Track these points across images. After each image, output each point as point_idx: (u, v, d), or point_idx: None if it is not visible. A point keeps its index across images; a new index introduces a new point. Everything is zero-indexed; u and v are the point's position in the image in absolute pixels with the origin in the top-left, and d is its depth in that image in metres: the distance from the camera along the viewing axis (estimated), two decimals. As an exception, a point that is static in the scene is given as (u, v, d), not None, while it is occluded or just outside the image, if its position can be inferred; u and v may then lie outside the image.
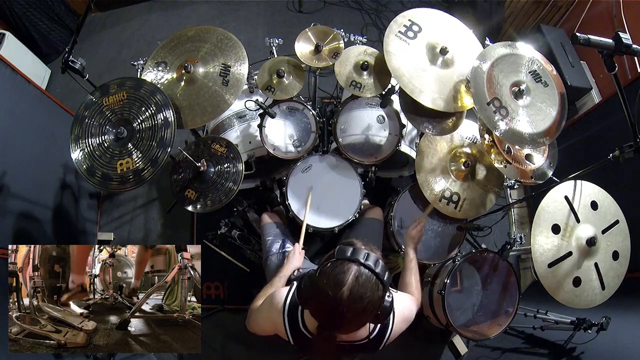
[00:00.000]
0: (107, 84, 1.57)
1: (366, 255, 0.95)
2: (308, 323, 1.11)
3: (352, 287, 0.90)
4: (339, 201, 1.84)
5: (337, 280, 0.91)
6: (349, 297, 0.90)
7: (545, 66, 1.55)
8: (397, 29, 1.63)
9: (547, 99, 1.51)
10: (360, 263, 0.93)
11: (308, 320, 1.11)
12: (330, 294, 0.91)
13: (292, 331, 1.13)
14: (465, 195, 1.78)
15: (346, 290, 0.90)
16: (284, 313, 1.13)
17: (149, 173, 1.44)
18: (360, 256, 0.94)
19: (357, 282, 0.91)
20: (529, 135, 1.46)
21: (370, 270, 0.93)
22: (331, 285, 0.91)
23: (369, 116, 1.91)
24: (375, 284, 0.93)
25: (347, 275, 0.92)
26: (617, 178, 1.75)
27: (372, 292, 0.92)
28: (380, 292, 0.95)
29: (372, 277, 0.93)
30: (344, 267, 0.93)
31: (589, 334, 1.62)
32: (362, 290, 0.91)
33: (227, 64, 1.69)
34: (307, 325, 1.11)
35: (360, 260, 0.93)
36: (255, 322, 1.28)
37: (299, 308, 1.12)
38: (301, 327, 1.12)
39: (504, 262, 1.77)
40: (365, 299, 0.92)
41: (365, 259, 0.94)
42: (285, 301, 1.14)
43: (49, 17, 2.91)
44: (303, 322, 1.12)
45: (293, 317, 1.12)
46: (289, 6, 3.31)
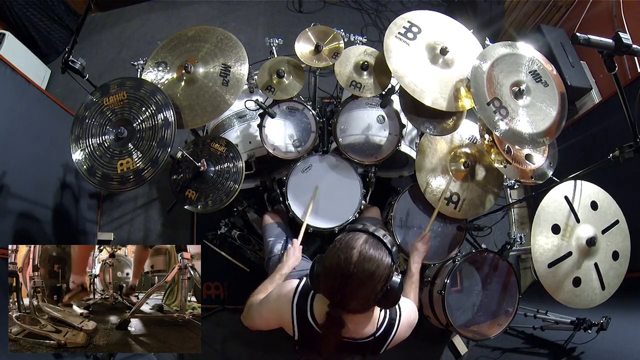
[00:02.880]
0: (107, 84, 1.57)
1: (375, 229, 1.03)
2: (317, 313, 1.12)
3: (361, 250, 0.97)
4: (339, 201, 1.84)
5: (347, 245, 0.99)
6: (358, 258, 0.96)
7: (546, 66, 1.56)
8: (397, 30, 1.63)
9: (547, 99, 1.52)
10: (369, 232, 1.02)
11: (317, 309, 1.12)
12: (341, 256, 0.98)
13: (299, 322, 1.14)
14: (465, 196, 1.78)
15: (356, 252, 0.97)
16: (293, 303, 1.15)
17: (149, 173, 1.44)
18: (370, 228, 1.03)
19: (366, 245, 0.98)
20: (529, 135, 1.46)
21: (379, 239, 1.01)
22: (342, 250, 0.99)
23: (369, 116, 1.91)
24: (383, 251, 1.00)
25: (358, 241, 1.00)
26: (617, 178, 1.75)
27: (380, 257, 0.98)
28: (389, 260, 1.00)
29: (380, 245, 1.00)
30: (355, 235, 1.02)
31: (589, 334, 1.62)
32: (370, 253, 0.98)
33: (227, 64, 1.69)
34: (315, 315, 1.12)
35: (369, 230, 1.02)
36: (257, 315, 1.27)
37: (308, 298, 1.14)
38: (309, 317, 1.13)
39: (504, 262, 1.77)
40: (374, 262, 0.97)
41: (374, 230, 1.03)
42: (295, 291, 1.16)
43: (49, 17, 2.91)
44: (312, 312, 1.13)
45: (302, 308, 1.14)
46: (289, 6, 3.31)
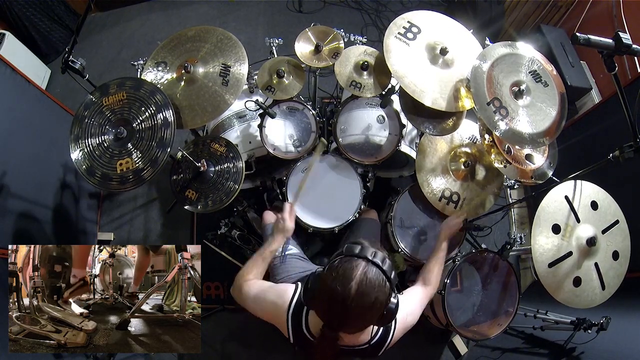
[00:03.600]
0: (107, 83, 1.57)
1: (374, 253, 0.96)
2: (312, 326, 1.10)
3: (360, 282, 0.91)
4: (339, 201, 1.84)
5: (345, 276, 0.93)
6: (357, 292, 0.91)
7: (546, 66, 1.55)
8: (397, 31, 1.63)
9: (547, 99, 1.51)
10: (369, 260, 0.95)
11: (312, 323, 1.10)
12: (338, 288, 0.92)
13: (294, 332, 1.12)
14: (465, 195, 1.78)
15: (354, 285, 0.91)
16: (288, 314, 1.12)
17: (149, 173, 1.44)
18: (368, 253, 0.96)
19: (365, 277, 0.92)
20: (529, 135, 1.46)
21: (378, 267, 0.95)
22: (339, 280, 0.92)
23: (369, 116, 1.91)
24: (382, 281, 0.94)
25: (356, 270, 0.93)
26: (617, 178, 1.75)
27: (379, 288, 0.93)
28: (387, 290, 0.96)
29: (379, 274, 0.94)
30: (352, 263, 0.95)
31: (589, 334, 1.62)
32: (370, 285, 0.92)
33: (227, 64, 1.68)
34: (310, 329, 1.10)
35: (368, 257, 0.95)
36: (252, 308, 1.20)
37: (303, 310, 1.11)
38: (304, 329, 1.11)
39: (504, 262, 1.77)
40: (373, 294, 0.92)
41: (373, 256, 0.95)
42: (291, 302, 1.13)
43: (49, 17, 2.91)
44: (307, 325, 1.11)
45: (297, 319, 1.11)
46: (289, 6, 3.31)
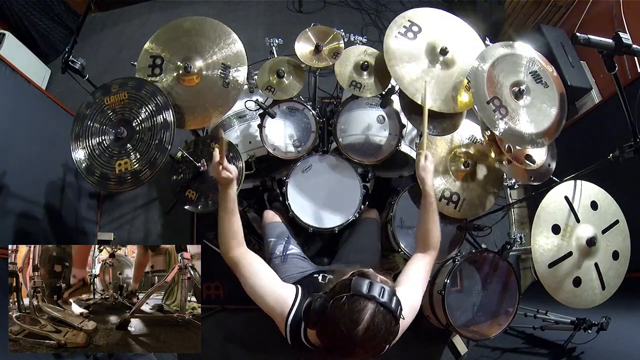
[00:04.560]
0: (107, 83, 1.57)
1: (382, 291, 0.92)
2: (311, 338, 1.09)
3: (368, 327, 0.89)
4: (339, 201, 1.84)
5: (352, 318, 0.90)
6: (364, 335, 0.89)
7: (546, 67, 1.55)
8: (397, 30, 1.63)
9: (547, 99, 1.52)
10: (377, 301, 0.91)
11: (312, 336, 1.08)
12: (344, 330, 0.89)
13: (292, 338, 1.12)
14: (465, 195, 1.78)
15: (361, 329, 0.89)
16: (287, 322, 1.10)
17: (147, 175, 1.44)
18: (377, 292, 0.92)
19: (373, 322, 0.90)
20: (529, 135, 1.46)
21: (387, 309, 0.92)
22: (346, 322, 0.90)
23: (369, 116, 1.90)
24: (389, 322, 0.92)
25: (364, 314, 0.90)
26: (617, 178, 1.75)
27: (386, 330, 0.91)
28: (393, 328, 0.94)
29: (388, 316, 0.92)
30: (361, 304, 0.91)
31: (589, 334, 1.62)
32: (377, 329, 0.90)
33: (227, 64, 1.68)
34: (309, 339, 1.09)
35: (377, 298, 0.91)
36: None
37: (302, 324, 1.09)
38: (303, 339, 1.10)
39: (504, 262, 1.77)
40: (379, 337, 0.91)
41: (382, 294, 0.92)
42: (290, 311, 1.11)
43: (49, 17, 2.91)
44: (305, 336, 1.10)
45: (296, 328, 1.10)
46: (289, 6, 3.31)
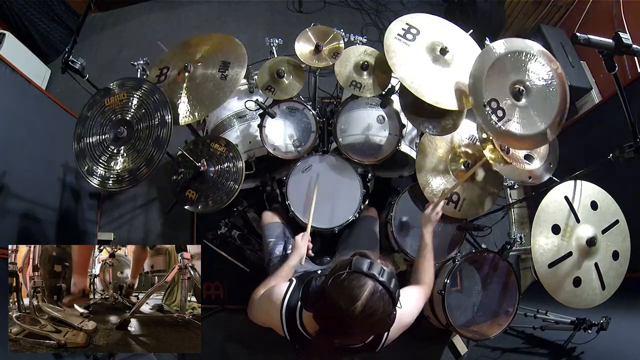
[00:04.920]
0: (108, 86, 1.60)
1: (382, 271, 0.93)
2: (307, 324, 1.10)
3: (366, 304, 0.89)
4: (339, 201, 1.84)
5: (352, 294, 0.90)
6: (361, 313, 0.89)
7: (547, 64, 1.54)
8: (396, 32, 1.63)
9: (547, 99, 1.51)
10: (376, 279, 0.92)
11: (307, 321, 1.10)
12: (342, 306, 0.90)
13: (289, 328, 1.13)
14: (465, 195, 1.78)
15: (360, 305, 0.89)
16: (282, 310, 1.13)
17: (144, 172, 1.46)
18: (377, 271, 0.93)
19: (371, 299, 0.90)
20: (529, 136, 1.46)
21: (385, 288, 0.92)
22: (345, 297, 0.90)
23: (369, 116, 1.90)
24: (388, 302, 0.93)
25: (363, 290, 0.90)
26: (617, 178, 1.75)
27: (384, 309, 0.92)
28: (391, 310, 0.95)
29: (386, 295, 0.92)
30: (360, 281, 0.91)
31: (589, 334, 1.62)
32: (375, 307, 0.90)
33: (226, 61, 1.68)
34: (305, 326, 1.11)
35: (376, 276, 0.92)
36: (253, 312, 1.29)
37: (297, 307, 1.11)
38: (299, 326, 1.11)
39: (504, 262, 1.77)
40: (377, 316, 0.91)
41: (381, 274, 0.93)
42: (284, 298, 1.14)
43: (49, 17, 2.91)
44: (301, 322, 1.11)
45: (291, 315, 1.12)
46: (289, 6, 3.31)
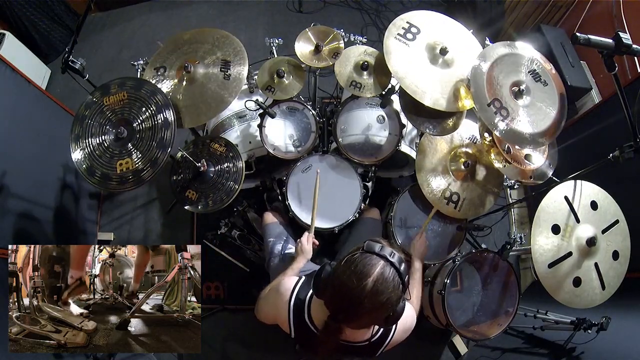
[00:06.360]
0: (107, 83, 1.57)
1: (392, 254, 0.97)
2: (315, 316, 1.11)
3: (377, 280, 0.93)
4: (339, 201, 1.84)
5: (363, 271, 0.93)
6: (372, 290, 0.92)
7: (545, 65, 1.55)
8: (396, 31, 1.63)
9: (547, 99, 1.51)
10: (387, 260, 0.95)
11: (315, 313, 1.11)
12: (354, 282, 0.93)
13: (295, 322, 1.14)
14: (465, 195, 1.78)
15: (370, 282, 0.92)
16: (290, 302, 1.14)
17: (149, 173, 1.44)
18: (388, 253, 0.97)
19: (382, 277, 0.93)
20: (529, 135, 1.46)
21: (395, 269, 0.95)
22: (357, 274, 0.93)
23: (369, 116, 1.90)
24: (397, 283, 0.95)
25: (374, 268, 0.94)
26: (617, 178, 1.75)
27: (393, 289, 0.94)
28: (400, 293, 0.97)
29: (395, 276, 0.95)
30: (372, 260, 0.95)
31: (589, 334, 1.62)
32: (385, 285, 0.93)
33: (227, 60, 1.68)
34: (313, 319, 1.11)
35: (387, 257, 0.96)
36: (260, 308, 1.30)
37: (306, 300, 1.13)
38: (306, 319, 1.12)
39: (504, 262, 1.77)
40: (386, 295, 0.94)
41: (392, 256, 0.97)
42: (292, 291, 1.15)
43: (49, 17, 2.91)
44: (309, 315, 1.12)
45: (299, 308, 1.13)
46: (289, 6, 3.31)
